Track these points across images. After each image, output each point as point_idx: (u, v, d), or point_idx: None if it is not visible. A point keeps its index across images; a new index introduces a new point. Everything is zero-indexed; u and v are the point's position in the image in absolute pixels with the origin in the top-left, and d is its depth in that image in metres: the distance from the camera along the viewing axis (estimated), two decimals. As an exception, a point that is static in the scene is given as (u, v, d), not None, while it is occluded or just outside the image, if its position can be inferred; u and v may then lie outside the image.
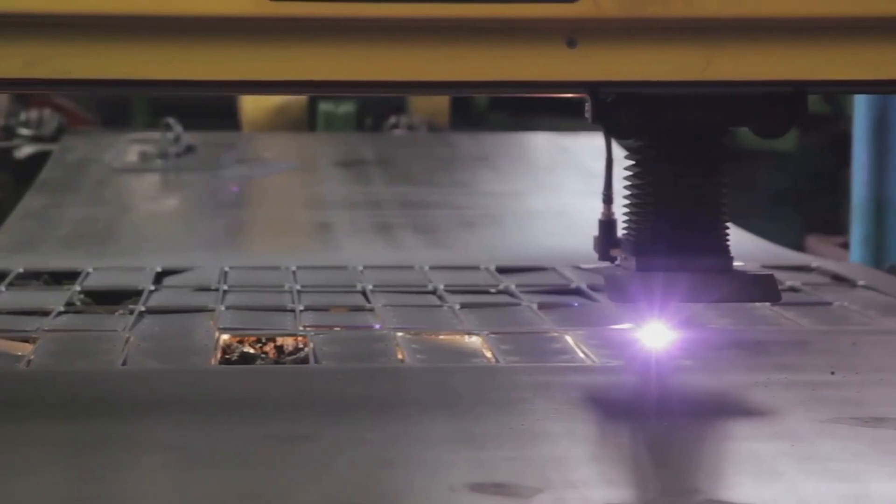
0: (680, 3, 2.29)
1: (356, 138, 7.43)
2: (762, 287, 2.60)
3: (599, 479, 2.19)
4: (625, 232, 2.63)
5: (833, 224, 7.98)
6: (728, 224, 2.60)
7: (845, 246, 7.01)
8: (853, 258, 6.61)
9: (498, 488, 2.10)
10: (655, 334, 2.65)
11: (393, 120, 8.04)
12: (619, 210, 2.65)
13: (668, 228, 2.55)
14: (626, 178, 2.63)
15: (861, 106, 6.78)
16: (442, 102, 8.35)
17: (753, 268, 4.03)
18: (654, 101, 2.48)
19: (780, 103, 2.46)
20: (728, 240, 2.60)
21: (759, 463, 2.31)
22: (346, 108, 8.34)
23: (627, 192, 2.63)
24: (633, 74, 2.36)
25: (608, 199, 2.63)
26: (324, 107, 8.34)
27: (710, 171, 2.57)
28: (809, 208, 8.35)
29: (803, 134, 8.22)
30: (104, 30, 2.26)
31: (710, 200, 2.57)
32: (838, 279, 4.20)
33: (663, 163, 2.56)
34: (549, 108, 8.43)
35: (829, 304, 3.73)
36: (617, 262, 2.63)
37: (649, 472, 2.28)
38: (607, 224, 2.64)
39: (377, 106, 8.30)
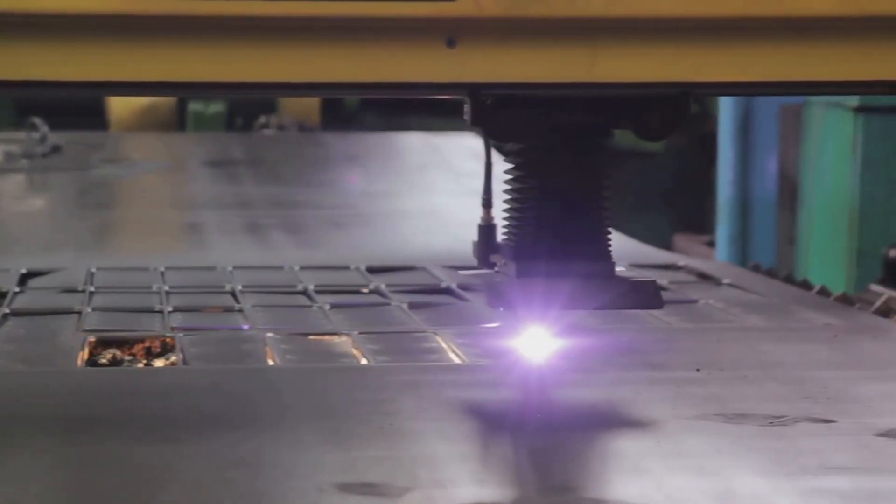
0: (563, 2, 2.23)
1: (226, 138, 7.38)
2: (645, 294, 2.55)
3: (468, 478, 2.20)
4: (504, 237, 2.57)
5: (700, 223, 8.10)
6: (610, 229, 2.55)
7: (712, 244, 7.13)
8: (720, 257, 6.72)
9: (367, 488, 2.11)
10: (524, 333, 2.65)
11: (263, 120, 8.01)
12: (500, 214, 2.58)
13: (549, 233, 2.50)
14: (506, 181, 2.56)
15: (726, 106, 6.89)
16: (313, 102, 8.35)
17: (636, 274, 4.08)
18: (534, 103, 2.43)
19: (663, 105, 2.43)
20: (610, 245, 2.55)
21: (625, 460, 2.33)
22: (216, 107, 8.29)
23: (507, 197, 2.56)
24: (515, 76, 2.29)
25: (487, 203, 2.57)
26: (193, 106, 8.29)
27: (592, 174, 2.52)
28: (677, 207, 8.47)
29: (671, 134, 8.31)
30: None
31: (591, 205, 2.52)
32: (704, 277, 4.26)
33: (543, 166, 2.51)
34: (422, 108, 8.45)
35: (695, 302, 3.79)
36: (496, 268, 2.58)
37: (518, 471, 2.30)
38: (487, 229, 2.58)
39: (247, 106, 8.26)
